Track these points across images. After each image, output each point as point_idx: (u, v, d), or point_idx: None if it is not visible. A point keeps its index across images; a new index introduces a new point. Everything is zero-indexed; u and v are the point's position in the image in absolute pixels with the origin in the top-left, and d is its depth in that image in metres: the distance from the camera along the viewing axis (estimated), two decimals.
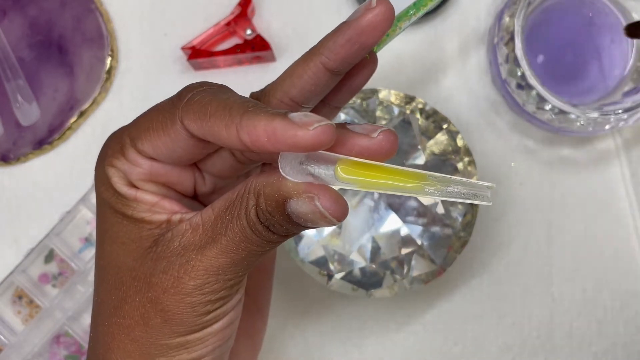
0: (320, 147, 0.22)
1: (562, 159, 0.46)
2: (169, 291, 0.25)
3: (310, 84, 0.26)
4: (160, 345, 0.26)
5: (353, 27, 0.24)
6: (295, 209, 0.23)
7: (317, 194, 0.23)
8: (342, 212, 0.23)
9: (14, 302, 0.46)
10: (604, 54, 0.45)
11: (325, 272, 0.41)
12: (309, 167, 0.23)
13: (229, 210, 0.24)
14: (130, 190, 0.27)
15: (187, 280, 0.25)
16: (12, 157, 0.47)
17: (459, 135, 0.42)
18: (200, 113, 0.24)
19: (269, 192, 0.23)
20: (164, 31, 0.48)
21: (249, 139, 0.22)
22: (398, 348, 0.46)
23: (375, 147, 0.24)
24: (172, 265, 0.25)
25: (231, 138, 0.23)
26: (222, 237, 0.24)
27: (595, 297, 0.45)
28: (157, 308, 0.25)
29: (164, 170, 0.27)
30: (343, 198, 0.23)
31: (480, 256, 0.46)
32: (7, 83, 0.46)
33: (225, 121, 0.23)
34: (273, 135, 0.22)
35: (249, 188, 0.24)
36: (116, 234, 0.27)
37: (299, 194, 0.23)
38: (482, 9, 0.47)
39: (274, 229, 0.24)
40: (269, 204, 0.23)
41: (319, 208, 0.23)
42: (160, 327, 0.25)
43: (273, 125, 0.22)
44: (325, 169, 0.23)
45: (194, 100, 0.24)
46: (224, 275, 0.25)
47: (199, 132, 0.24)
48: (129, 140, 0.27)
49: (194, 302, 0.25)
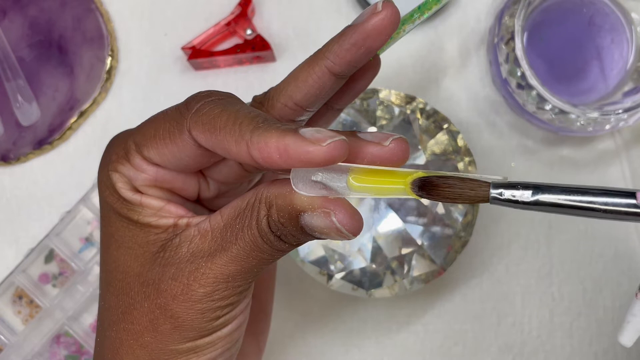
0: (333, 163, 0.22)
1: (562, 159, 0.46)
2: (179, 298, 0.25)
3: (315, 88, 0.26)
4: (169, 350, 0.26)
5: (359, 31, 0.24)
6: (309, 223, 0.23)
7: (333, 209, 0.23)
8: (358, 227, 0.23)
9: (14, 302, 0.46)
10: (604, 54, 0.45)
11: (325, 272, 0.41)
12: (321, 179, 0.23)
13: (239, 219, 0.24)
14: (136, 195, 0.27)
15: (197, 288, 0.25)
16: (12, 157, 0.47)
17: (459, 135, 0.42)
18: (209, 125, 0.24)
19: (281, 203, 0.23)
20: (164, 31, 0.48)
21: (260, 155, 0.22)
22: (398, 348, 0.46)
23: (387, 156, 0.24)
24: (181, 272, 0.25)
25: (241, 154, 0.23)
26: (232, 246, 0.24)
27: (595, 297, 0.45)
28: (166, 314, 0.25)
29: (170, 177, 0.27)
30: (359, 213, 0.23)
31: (481, 256, 0.46)
32: (7, 83, 0.46)
33: (235, 137, 0.23)
34: (285, 153, 0.21)
35: (260, 198, 0.24)
36: (122, 238, 0.27)
37: (314, 208, 0.23)
38: (482, 9, 0.47)
39: (285, 239, 0.24)
40: (281, 216, 0.23)
41: (335, 224, 0.23)
42: (169, 332, 0.25)
43: (285, 142, 0.21)
44: (338, 181, 0.23)
45: (203, 111, 0.24)
46: (233, 282, 0.25)
47: (208, 144, 0.24)
48: (134, 146, 0.26)
49: (203, 309, 0.25)
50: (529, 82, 0.41)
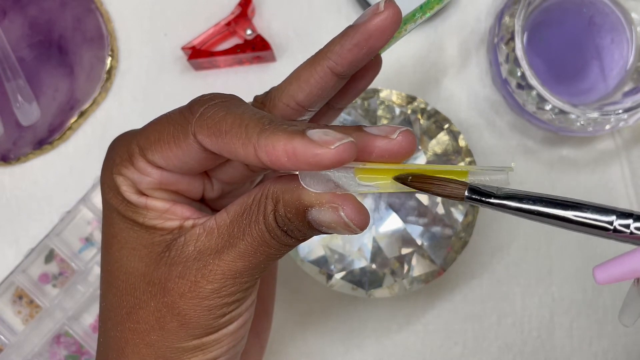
0: (342, 165, 0.21)
1: (562, 159, 0.46)
2: (186, 295, 0.25)
3: (317, 88, 0.26)
4: (176, 348, 0.26)
5: (361, 31, 0.24)
6: (317, 218, 0.23)
7: (340, 204, 0.23)
8: (365, 221, 0.23)
9: (14, 302, 0.46)
10: (604, 54, 0.45)
11: (325, 271, 0.41)
12: (328, 173, 0.23)
13: (245, 215, 0.24)
14: (140, 198, 0.27)
15: (205, 285, 0.25)
16: (12, 157, 0.47)
17: (460, 135, 0.42)
18: (214, 129, 0.24)
19: (288, 198, 0.23)
20: (164, 31, 0.48)
21: (268, 158, 0.22)
22: (398, 348, 0.46)
23: (395, 148, 0.24)
24: (188, 270, 0.25)
25: (249, 156, 0.23)
26: (239, 242, 0.24)
27: (595, 297, 0.45)
28: (173, 312, 0.25)
29: (174, 179, 0.27)
30: (365, 208, 0.23)
31: (481, 256, 0.46)
32: (7, 83, 0.46)
33: (242, 140, 0.23)
34: (293, 156, 0.21)
35: (267, 193, 0.24)
36: (125, 239, 0.27)
37: (322, 203, 0.23)
38: (482, 9, 0.47)
39: (292, 234, 0.24)
40: (288, 211, 0.23)
41: (343, 218, 0.23)
42: (176, 330, 0.25)
43: (293, 144, 0.21)
44: (345, 174, 0.23)
45: (207, 115, 0.24)
46: (241, 278, 0.25)
47: (214, 147, 0.24)
48: (138, 150, 0.26)
49: (210, 305, 0.25)
50: (529, 82, 0.41)
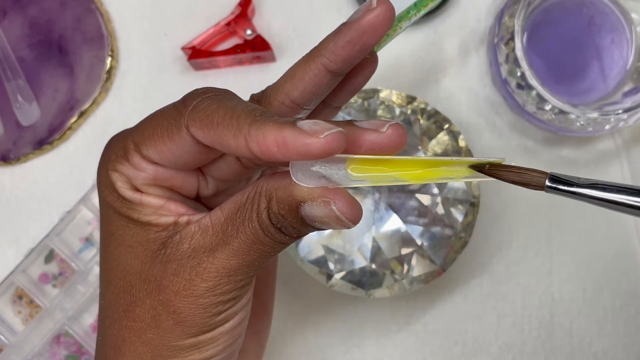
0: (331, 154, 0.22)
1: (562, 159, 0.46)
2: (181, 293, 0.25)
3: (312, 86, 0.26)
4: (172, 346, 0.26)
5: (354, 28, 0.25)
6: (309, 213, 0.23)
7: (332, 198, 0.23)
8: (357, 215, 0.23)
9: (14, 302, 0.46)
10: (604, 54, 0.45)
11: (325, 271, 0.41)
12: (320, 169, 0.23)
13: (239, 213, 0.24)
14: (135, 194, 0.27)
15: (199, 282, 0.25)
16: (12, 157, 0.47)
17: (460, 135, 0.42)
18: (206, 121, 0.24)
19: (281, 195, 0.23)
20: (164, 31, 0.48)
21: (259, 148, 0.22)
22: (398, 348, 0.46)
23: (385, 142, 0.24)
24: (183, 267, 0.25)
25: (240, 147, 0.23)
26: (233, 239, 0.24)
27: (595, 297, 0.45)
28: (168, 310, 0.25)
29: (169, 175, 0.27)
30: (357, 201, 0.23)
31: (481, 256, 0.46)
32: (7, 83, 0.46)
33: (233, 131, 0.23)
34: (283, 145, 0.22)
35: (260, 190, 0.24)
36: (122, 237, 0.27)
37: (314, 198, 0.23)
38: (482, 9, 0.47)
39: (286, 231, 0.24)
40: (281, 207, 0.23)
41: (335, 212, 0.23)
42: (172, 328, 0.25)
43: (283, 134, 0.21)
44: (337, 169, 0.23)
45: (200, 107, 0.24)
46: (235, 276, 0.25)
47: (206, 140, 0.24)
48: (133, 146, 0.27)
49: (205, 304, 0.25)
50: (529, 82, 0.41)
